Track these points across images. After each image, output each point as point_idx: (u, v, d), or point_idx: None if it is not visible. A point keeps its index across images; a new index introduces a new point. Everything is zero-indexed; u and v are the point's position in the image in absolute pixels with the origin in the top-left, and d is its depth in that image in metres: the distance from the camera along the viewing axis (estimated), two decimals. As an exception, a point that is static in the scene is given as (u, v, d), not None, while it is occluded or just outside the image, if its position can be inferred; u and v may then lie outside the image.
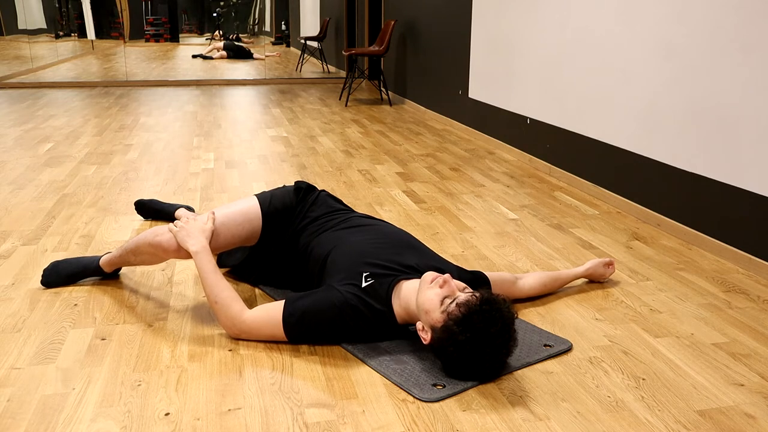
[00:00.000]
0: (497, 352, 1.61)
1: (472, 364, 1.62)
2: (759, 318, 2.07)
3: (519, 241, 2.73)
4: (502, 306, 1.60)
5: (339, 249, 1.94)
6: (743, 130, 2.47)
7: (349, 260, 1.88)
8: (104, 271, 2.22)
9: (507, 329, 1.60)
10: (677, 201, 2.84)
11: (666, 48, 2.86)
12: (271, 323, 1.80)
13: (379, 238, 1.97)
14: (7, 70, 8.58)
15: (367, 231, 2.01)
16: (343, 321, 1.77)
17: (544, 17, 3.91)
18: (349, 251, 1.91)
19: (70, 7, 10.61)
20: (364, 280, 1.81)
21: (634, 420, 1.53)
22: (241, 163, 4.01)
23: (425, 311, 1.66)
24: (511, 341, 1.63)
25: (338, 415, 1.53)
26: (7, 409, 1.53)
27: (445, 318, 1.61)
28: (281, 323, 1.79)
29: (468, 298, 1.61)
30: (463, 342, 1.57)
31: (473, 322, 1.56)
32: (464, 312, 1.57)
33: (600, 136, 3.40)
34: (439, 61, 5.78)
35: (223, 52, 11.08)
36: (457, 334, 1.57)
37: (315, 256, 2.00)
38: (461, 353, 1.60)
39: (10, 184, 3.47)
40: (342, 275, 1.84)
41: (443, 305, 1.63)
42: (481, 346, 1.58)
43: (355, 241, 1.95)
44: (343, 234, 2.01)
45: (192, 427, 1.48)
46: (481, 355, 1.60)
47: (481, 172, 3.92)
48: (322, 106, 6.55)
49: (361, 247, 1.92)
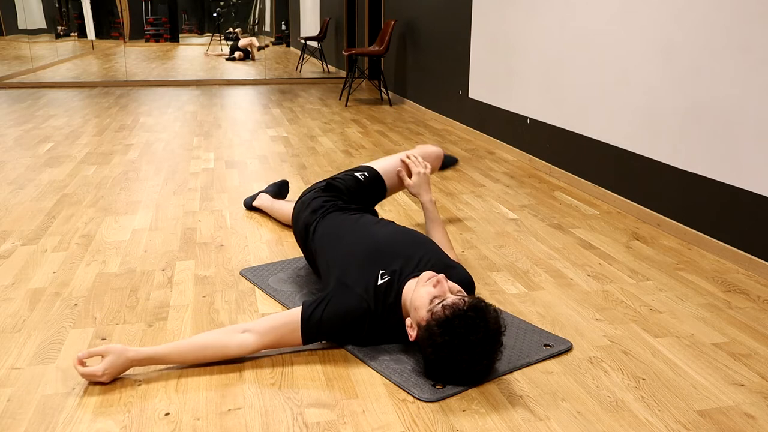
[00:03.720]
0: (474, 361, 1.57)
1: (448, 368, 1.60)
2: (759, 318, 2.07)
3: (519, 241, 2.73)
4: (489, 316, 1.57)
5: (355, 241, 1.96)
6: (743, 130, 2.47)
7: (366, 255, 1.89)
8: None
9: (489, 340, 1.56)
10: (677, 201, 2.83)
11: (666, 48, 2.86)
12: (287, 329, 1.74)
13: (396, 235, 1.99)
14: (7, 70, 8.58)
15: (384, 225, 2.05)
16: (360, 325, 1.77)
17: (545, 17, 3.91)
18: (365, 244, 1.93)
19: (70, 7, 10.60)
20: (380, 278, 1.81)
21: (634, 420, 1.53)
22: (241, 163, 4.01)
23: (415, 308, 1.67)
24: (493, 353, 1.59)
25: (338, 415, 1.53)
26: (7, 409, 1.53)
27: (429, 317, 1.60)
28: (299, 330, 1.74)
29: (456, 301, 1.59)
30: (441, 345, 1.56)
31: (454, 326, 1.54)
32: (448, 314, 1.56)
33: (600, 136, 3.40)
34: (439, 61, 5.78)
35: (239, 52, 11.10)
36: (436, 335, 1.56)
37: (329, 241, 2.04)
38: (438, 355, 1.58)
39: (10, 184, 3.47)
40: (357, 271, 1.84)
41: (431, 304, 1.63)
42: (459, 351, 1.55)
43: (373, 234, 1.98)
44: (361, 227, 2.04)
45: (192, 427, 1.48)
46: (458, 361, 1.57)
47: (481, 172, 3.92)
48: (322, 106, 6.55)
49: (378, 243, 1.93)
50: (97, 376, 1.60)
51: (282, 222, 2.86)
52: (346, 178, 2.35)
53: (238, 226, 2.85)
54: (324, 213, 2.17)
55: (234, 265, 2.41)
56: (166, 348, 1.68)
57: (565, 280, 2.34)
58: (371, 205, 2.39)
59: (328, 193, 2.29)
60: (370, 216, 2.15)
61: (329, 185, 2.32)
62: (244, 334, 1.72)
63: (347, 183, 2.33)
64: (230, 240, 2.68)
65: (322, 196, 2.26)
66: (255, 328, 1.73)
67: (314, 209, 2.21)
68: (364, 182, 2.36)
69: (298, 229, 2.24)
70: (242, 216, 2.99)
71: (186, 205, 3.14)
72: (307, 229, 2.18)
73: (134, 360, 1.64)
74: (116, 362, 1.62)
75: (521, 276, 2.37)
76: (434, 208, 2.33)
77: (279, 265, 2.41)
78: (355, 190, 2.33)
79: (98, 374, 1.60)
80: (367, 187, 2.36)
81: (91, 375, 1.60)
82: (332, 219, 2.13)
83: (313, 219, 2.17)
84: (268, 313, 2.04)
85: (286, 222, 2.81)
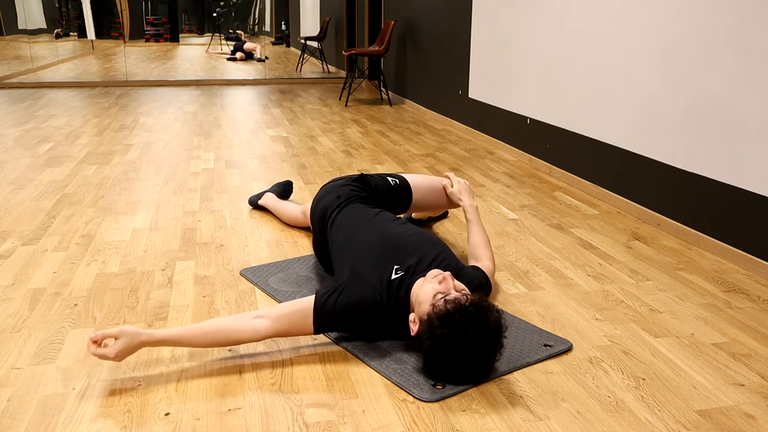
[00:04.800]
0: (471, 357, 1.58)
1: (444, 362, 1.61)
2: (759, 318, 2.07)
3: (519, 241, 2.73)
4: (490, 314, 1.58)
5: (372, 235, 1.99)
6: (743, 130, 2.47)
7: (382, 249, 1.91)
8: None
9: (488, 338, 1.57)
10: (677, 201, 2.83)
11: (666, 48, 2.86)
12: (298, 316, 1.75)
13: (413, 233, 2.01)
14: (7, 70, 8.58)
15: (402, 223, 2.08)
16: (371, 316, 1.78)
17: (544, 17, 3.91)
18: (382, 239, 1.96)
19: (70, 7, 10.60)
20: (394, 273, 1.83)
21: (634, 420, 1.53)
22: (241, 163, 4.01)
23: (419, 303, 1.70)
24: (491, 351, 1.59)
25: (338, 415, 1.53)
26: (7, 409, 1.53)
27: (430, 311, 1.62)
28: (311, 318, 1.75)
29: (457, 296, 1.61)
30: (439, 337, 1.57)
31: (454, 320, 1.56)
32: (449, 308, 1.58)
33: (600, 136, 3.40)
34: (439, 61, 5.78)
35: (241, 53, 11.11)
36: (435, 328, 1.57)
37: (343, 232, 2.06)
38: (435, 349, 1.59)
39: (10, 184, 3.47)
40: (372, 264, 1.87)
41: (434, 299, 1.65)
42: (456, 346, 1.56)
43: (390, 230, 2.01)
44: (379, 222, 2.07)
45: (192, 427, 1.48)
46: (454, 356, 1.58)
47: (481, 172, 3.92)
48: (322, 106, 6.55)
49: (395, 238, 1.96)
50: (109, 357, 1.61)
51: (286, 222, 2.86)
52: (378, 179, 2.40)
53: (238, 226, 2.85)
54: (347, 201, 2.21)
55: (234, 265, 2.41)
56: (178, 331, 1.68)
57: (565, 280, 2.34)
58: (393, 212, 2.42)
59: (358, 184, 2.33)
60: (388, 213, 2.18)
61: (362, 177, 2.36)
62: (257, 320, 1.73)
63: (377, 182, 2.38)
64: (230, 240, 2.68)
65: (351, 185, 2.30)
66: (268, 314, 1.74)
67: (338, 195, 2.24)
68: (393, 187, 2.40)
69: (317, 212, 2.27)
70: (242, 216, 2.99)
71: (186, 205, 3.14)
72: (325, 214, 2.21)
73: (147, 342, 1.65)
74: (130, 344, 1.63)
75: (521, 276, 2.37)
76: (476, 213, 2.37)
77: (279, 265, 2.41)
78: (383, 191, 2.37)
79: (110, 355, 1.61)
80: (396, 193, 2.40)
81: (104, 355, 1.61)
82: (353, 210, 2.16)
83: (335, 205, 2.20)
84: (268, 313, 2.04)
85: (290, 222, 2.82)
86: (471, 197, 2.43)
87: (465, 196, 2.43)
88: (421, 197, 2.46)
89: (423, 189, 2.47)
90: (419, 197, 2.46)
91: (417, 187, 2.45)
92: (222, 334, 1.70)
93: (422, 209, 2.52)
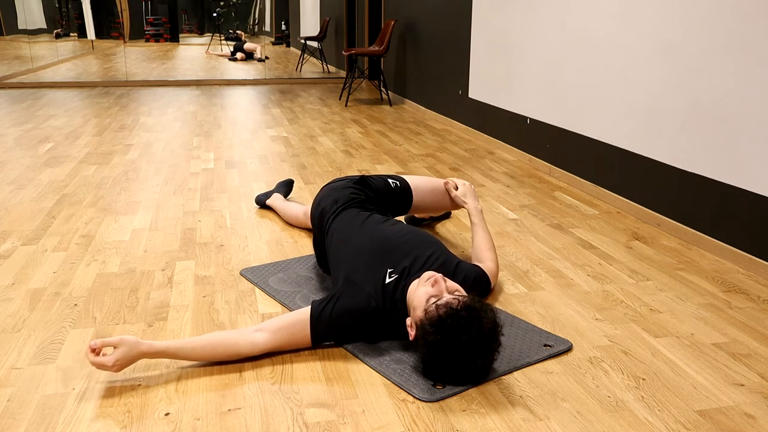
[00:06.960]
0: (467, 361, 1.58)
1: (441, 367, 1.61)
2: (759, 318, 2.07)
3: (519, 241, 2.73)
4: (484, 316, 1.57)
5: (364, 239, 1.98)
6: (743, 130, 2.47)
7: (374, 253, 1.91)
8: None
9: (483, 340, 1.56)
10: (677, 201, 2.83)
11: (666, 48, 2.86)
12: (296, 329, 1.76)
13: (405, 234, 2.01)
14: (7, 70, 8.58)
15: (393, 224, 2.08)
16: (368, 323, 1.79)
17: (544, 17, 3.91)
18: (374, 242, 1.95)
19: (70, 7, 10.60)
20: (388, 277, 1.83)
21: (634, 420, 1.53)
22: (241, 163, 4.01)
23: (413, 307, 1.70)
24: (488, 353, 1.59)
25: (338, 415, 1.53)
26: (7, 409, 1.53)
27: (423, 316, 1.62)
28: (309, 329, 1.76)
29: (450, 300, 1.60)
30: (433, 344, 1.57)
31: (446, 325, 1.55)
32: (441, 314, 1.57)
33: (600, 136, 3.40)
34: (439, 61, 5.78)
35: (242, 54, 11.11)
36: (429, 333, 1.57)
37: (338, 238, 2.06)
38: (430, 354, 1.59)
39: (10, 184, 3.47)
40: (366, 269, 1.86)
41: (427, 304, 1.64)
42: (450, 351, 1.56)
43: (382, 232, 2.00)
44: (370, 226, 2.06)
45: (192, 427, 1.48)
46: (450, 361, 1.58)
47: (481, 172, 3.92)
48: (322, 106, 6.55)
49: (386, 241, 1.95)
50: (107, 367, 1.60)
51: (288, 221, 2.87)
52: (379, 180, 2.39)
53: (238, 226, 2.85)
54: (343, 207, 2.20)
55: (234, 265, 2.41)
56: (178, 343, 1.68)
57: (565, 280, 2.34)
58: (393, 214, 2.42)
59: (358, 186, 2.32)
60: (378, 215, 2.17)
61: (362, 179, 2.36)
62: (256, 333, 1.74)
63: (378, 184, 2.38)
64: (230, 240, 2.68)
65: (351, 188, 2.30)
66: (266, 327, 1.75)
67: (336, 199, 2.24)
68: (394, 189, 2.40)
69: (317, 214, 2.27)
70: (242, 216, 2.99)
71: (186, 205, 3.14)
72: (323, 218, 2.22)
73: (146, 353, 1.65)
74: (128, 354, 1.62)
75: (521, 276, 2.37)
76: (480, 215, 2.36)
77: (279, 265, 2.41)
78: (384, 193, 2.37)
79: (109, 364, 1.59)
80: (396, 194, 2.40)
81: (102, 364, 1.59)
82: (347, 215, 2.15)
83: (332, 210, 2.20)
84: (268, 313, 2.04)
85: (292, 222, 2.83)
86: (476, 200, 2.43)
87: (470, 198, 2.43)
88: (422, 199, 2.46)
89: (424, 191, 2.46)
90: (420, 199, 2.45)
91: (418, 189, 2.45)
92: (221, 348, 1.71)
93: (423, 211, 2.52)
